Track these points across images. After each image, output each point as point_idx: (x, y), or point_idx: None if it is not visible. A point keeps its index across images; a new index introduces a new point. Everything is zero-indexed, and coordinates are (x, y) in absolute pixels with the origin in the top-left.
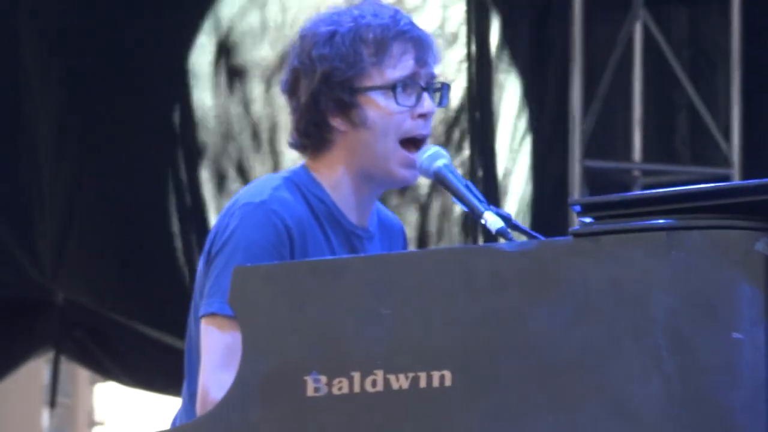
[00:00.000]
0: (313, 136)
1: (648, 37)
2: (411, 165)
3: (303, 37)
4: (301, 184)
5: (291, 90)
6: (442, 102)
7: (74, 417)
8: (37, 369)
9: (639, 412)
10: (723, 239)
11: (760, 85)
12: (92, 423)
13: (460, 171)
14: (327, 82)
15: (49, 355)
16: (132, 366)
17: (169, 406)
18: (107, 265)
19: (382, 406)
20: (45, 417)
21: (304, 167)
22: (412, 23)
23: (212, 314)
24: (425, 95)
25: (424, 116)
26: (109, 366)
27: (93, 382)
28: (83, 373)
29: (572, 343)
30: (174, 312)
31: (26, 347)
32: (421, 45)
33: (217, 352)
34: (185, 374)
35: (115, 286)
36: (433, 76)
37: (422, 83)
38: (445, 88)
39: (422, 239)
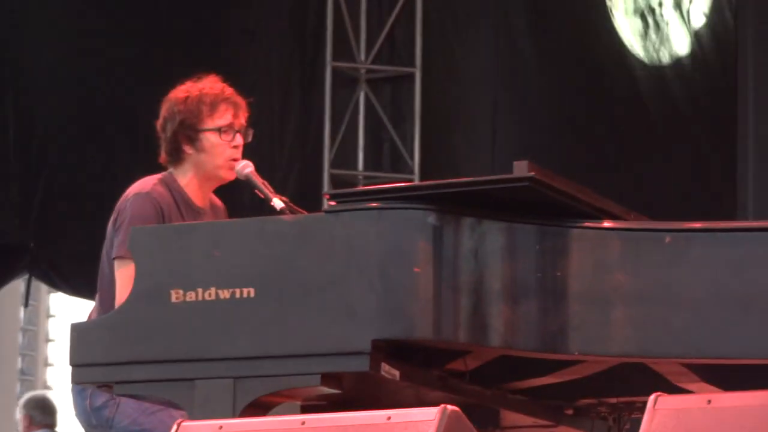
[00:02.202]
0: (174, 156)
1: (367, 99)
2: (231, 173)
3: (169, 99)
4: (168, 182)
5: (162, 129)
6: (248, 139)
7: (38, 311)
8: (17, 284)
9: (360, 312)
10: (408, 215)
11: (432, 131)
12: (48, 315)
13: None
14: (182, 125)
15: (25, 277)
16: (71, 283)
17: (89, 306)
18: (59, 227)
19: (215, 308)
20: (21, 311)
21: (170, 173)
22: (233, 93)
23: (120, 256)
24: (237, 135)
25: (236, 147)
26: (58, 283)
27: (49, 292)
28: (43, 287)
29: (323, 273)
30: (97, 255)
31: (12, 271)
32: (237, 106)
33: (124, 278)
34: (98, 288)
35: (62, 239)
36: (242, 125)
37: (236, 128)
38: (248, 131)
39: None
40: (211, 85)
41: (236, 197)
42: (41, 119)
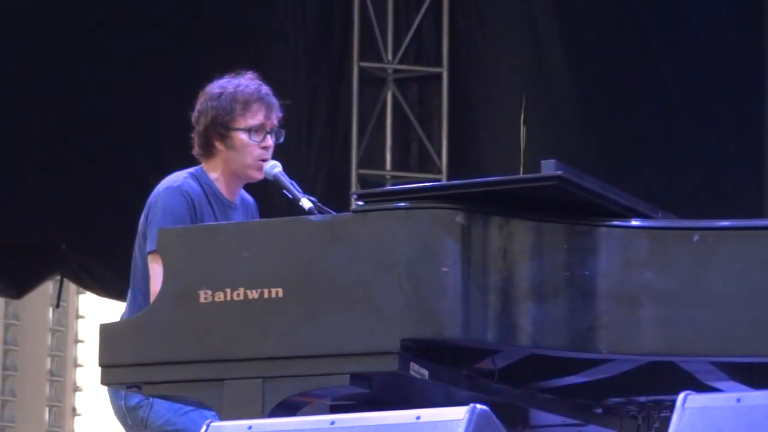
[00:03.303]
0: (205, 150)
1: (395, 99)
2: (259, 173)
3: (205, 92)
4: (199, 176)
5: (195, 122)
6: (279, 140)
7: (67, 312)
8: (45, 286)
9: (389, 312)
10: (437, 214)
11: (459, 130)
12: (78, 316)
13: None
14: (214, 122)
15: (57, 277)
16: (101, 284)
17: (120, 307)
18: (90, 228)
19: (243, 309)
20: (50, 312)
21: (200, 167)
22: (267, 93)
23: (154, 251)
24: (268, 136)
25: (266, 147)
26: (89, 283)
27: (78, 293)
28: (72, 288)
29: (351, 273)
30: (126, 256)
31: (45, 272)
32: (270, 107)
33: (158, 275)
34: (130, 287)
35: (94, 240)
36: (274, 125)
37: (267, 129)
38: (280, 132)
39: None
40: (247, 82)
41: (265, 197)
42: (70, 123)
